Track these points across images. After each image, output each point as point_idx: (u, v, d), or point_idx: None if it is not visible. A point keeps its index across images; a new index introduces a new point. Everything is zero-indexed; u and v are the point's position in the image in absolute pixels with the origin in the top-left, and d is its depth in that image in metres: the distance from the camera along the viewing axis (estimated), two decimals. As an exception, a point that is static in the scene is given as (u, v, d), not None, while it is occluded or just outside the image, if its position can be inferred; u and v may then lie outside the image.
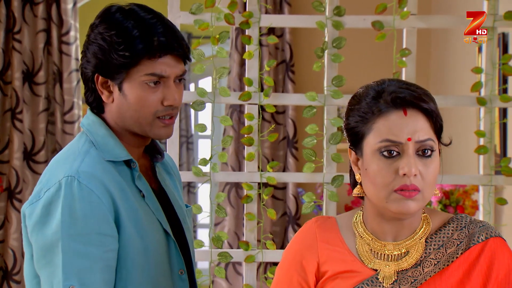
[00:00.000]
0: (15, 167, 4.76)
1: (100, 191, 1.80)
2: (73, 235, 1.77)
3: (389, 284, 1.64)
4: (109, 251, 1.80)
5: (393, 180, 1.60)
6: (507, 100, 2.94)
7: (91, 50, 1.87)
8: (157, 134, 1.89)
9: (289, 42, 4.92)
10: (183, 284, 1.92)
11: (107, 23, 1.86)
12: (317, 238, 1.71)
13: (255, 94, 2.92)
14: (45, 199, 1.81)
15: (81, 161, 1.84)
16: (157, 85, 1.86)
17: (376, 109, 1.63)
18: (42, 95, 4.81)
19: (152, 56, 1.83)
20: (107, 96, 1.88)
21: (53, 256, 1.78)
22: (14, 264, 4.72)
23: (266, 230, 4.80)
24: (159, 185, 1.98)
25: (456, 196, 3.85)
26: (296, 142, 4.91)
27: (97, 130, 1.89)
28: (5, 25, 4.77)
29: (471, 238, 1.66)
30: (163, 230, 1.90)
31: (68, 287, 1.76)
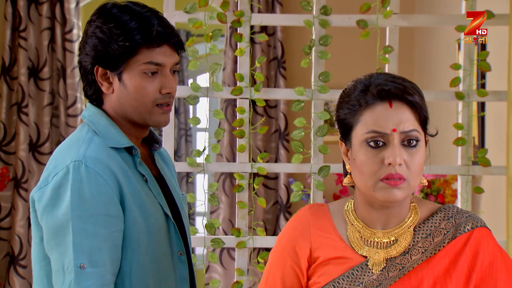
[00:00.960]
0: (21, 158, 4.77)
1: (107, 175, 1.82)
2: (82, 216, 1.79)
3: (378, 270, 1.65)
4: (116, 231, 1.82)
5: (379, 169, 1.60)
6: (484, 94, 2.96)
7: (90, 43, 1.88)
8: (157, 121, 1.91)
9: (281, 40, 4.93)
10: (183, 265, 1.94)
11: (104, 17, 1.88)
12: (310, 224, 1.71)
13: (246, 89, 2.94)
14: (54, 183, 1.82)
15: (86, 147, 1.85)
16: (154, 74, 1.88)
17: (364, 101, 1.63)
18: (47, 90, 4.82)
19: (150, 45, 1.86)
20: (107, 87, 1.90)
21: (63, 237, 1.79)
22: (21, 250, 4.73)
23: (259, 218, 4.82)
24: (159, 172, 2.00)
25: (437, 186, 3.87)
26: (287, 135, 4.93)
27: (99, 120, 1.91)
28: (11, 24, 4.78)
29: (458, 228, 1.66)
30: (164, 213, 1.92)
31: (79, 265, 1.77)
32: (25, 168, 4.77)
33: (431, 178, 3.89)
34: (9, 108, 4.81)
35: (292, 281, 1.70)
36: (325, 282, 1.66)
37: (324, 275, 1.67)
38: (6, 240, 4.79)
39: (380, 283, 1.64)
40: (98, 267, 1.78)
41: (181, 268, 1.94)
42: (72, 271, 1.77)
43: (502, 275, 1.65)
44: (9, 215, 4.80)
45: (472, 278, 1.63)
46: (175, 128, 6.56)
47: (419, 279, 1.63)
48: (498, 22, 2.97)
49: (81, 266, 1.77)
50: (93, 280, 1.77)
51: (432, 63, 4.68)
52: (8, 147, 4.81)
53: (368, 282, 1.64)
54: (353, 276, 1.65)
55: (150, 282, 1.87)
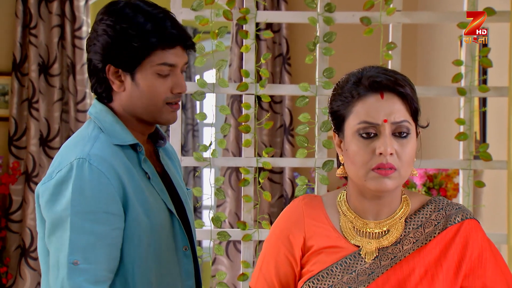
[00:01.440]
0: (32, 153, 4.78)
1: (109, 173, 1.81)
2: (81, 212, 1.77)
3: (370, 259, 1.65)
4: (115, 229, 1.80)
5: (371, 159, 1.61)
6: (485, 90, 2.95)
7: (101, 42, 1.85)
8: (167, 119, 1.91)
9: (286, 36, 4.92)
10: (188, 260, 1.93)
11: (116, 16, 1.85)
12: (304, 214, 1.71)
13: (251, 85, 2.93)
14: (57, 179, 1.81)
15: (91, 145, 1.84)
16: (167, 74, 1.88)
17: (356, 93, 1.64)
18: (57, 86, 4.83)
19: (165, 47, 1.86)
20: (119, 85, 1.88)
21: (62, 232, 1.78)
22: (32, 242, 4.75)
23: (264, 211, 4.82)
24: (163, 169, 1.99)
25: (439, 179, 3.85)
26: (292, 130, 4.92)
27: (105, 117, 1.89)
28: (22, 21, 4.78)
29: (448, 219, 1.67)
30: (168, 210, 1.91)
31: (72, 261, 1.76)
32: (36, 162, 4.78)
33: (433, 172, 3.88)
34: (20, 104, 4.81)
35: (286, 269, 1.70)
36: (319, 270, 1.66)
37: (317, 264, 1.67)
38: (17, 233, 4.80)
39: (372, 271, 1.64)
40: (92, 264, 1.76)
41: (186, 263, 1.93)
42: (66, 267, 1.76)
43: (491, 265, 1.67)
44: (20, 208, 4.81)
45: (462, 268, 1.65)
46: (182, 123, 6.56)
47: (410, 268, 1.64)
48: (499, 19, 2.95)
49: (74, 262, 1.76)
50: (85, 277, 1.76)
51: (435, 60, 4.67)
52: (19, 141, 4.82)
53: (361, 270, 1.65)
54: (346, 265, 1.65)
55: (153, 277, 1.86)
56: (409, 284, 1.62)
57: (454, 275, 1.64)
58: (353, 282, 1.64)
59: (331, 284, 1.64)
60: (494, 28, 3.61)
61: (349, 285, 1.64)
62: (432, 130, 4.54)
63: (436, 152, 4.43)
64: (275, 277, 1.70)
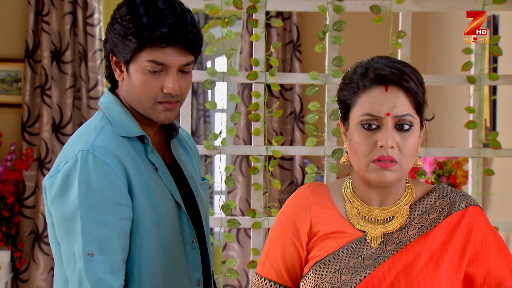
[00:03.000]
0: (44, 139, 4.80)
1: (114, 164, 1.80)
2: (90, 204, 1.77)
3: (376, 244, 1.67)
4: (124, 219, 1.81)
5: (372, 151, 1.62)
6: (495, 78, 2.93)
7: (109, 31, 1.87)
8: (158, 118, 1.88)
9: (296, 24, 4.90)
10: (195, 252, 1.93)
11: (127, 6, 1.84)
12: (310, 200, 1.73)
13: (261, 74, 2.92)
14: (63, 172, 1.81)
15: (96, 136, 1.84)
16: (158, 72, 1.84)
17: (362, 84, 1.65)
18: (69, 73, 4.83)
19: (154, 45, 1.81)
20: (119, 74, 1.89)
21: (73, 225, 1.78)
22: (45, 227, 4.77)
23: (274, 198, 4.82)
24: (174, 160, 1.98)
25: (449, 167, 3.84)
26: (302, 117, 4.91)
27: (113, 108, 1.89)
28: (35, 8, 4.78)
29: (453, 206, 1.69)
30: (175, 202, 1.90)
31: (88, 253, 1.76)
32: (49, 149, 4.80)
33: (443, 160, 3.86)
34: (33, 91, 4.82)
35: (292, 254, 1.71)
36: (325, 254, 1.67)
37: (323, 249, 1.68)
38: (30, 218, 4.83)
39: (378, 255, 1.66)
40: (107, 254, 1.77)
41: (193, 255, 1.92)
42: (82, 259, 1.76)
43: (494, 251, 1.69)
44: (33, 194, 4.83)
45: (466, 253, 1.67)
46: (194, 109, 6.56)
47: (416, 253, 1.65)
48: (509, 7, 2.92)
49: (90, 254, 1.76)
50: (102, 267, 1.77)
51: (445, 48, 4.64)
52: (32, 128, 4.83)
53: (367, 255, 1.66)
54: (352, 249, 1.67)
55: (159, 268, 1.86)
56: (414, 269, 1.64)
57: (458, 260, 1.66)
58: (359, 266, 1.65)
59: (337, 268, 1.66)
60: (504, 16, 3.58)
61: (355, 269, 1.65)
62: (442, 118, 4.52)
63: (446, 140, 4.41)
64: (281, 263, 1.71)
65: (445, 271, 1.64)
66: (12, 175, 4.70)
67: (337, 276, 1.65)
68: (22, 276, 4.84)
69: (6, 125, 4.87)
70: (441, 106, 4.44)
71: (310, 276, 1.67)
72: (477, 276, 1.68)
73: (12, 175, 4.71)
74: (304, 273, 1.70)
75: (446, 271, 1.64)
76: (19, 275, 4.84)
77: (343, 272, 1.65)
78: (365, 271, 1.64)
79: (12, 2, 4.85)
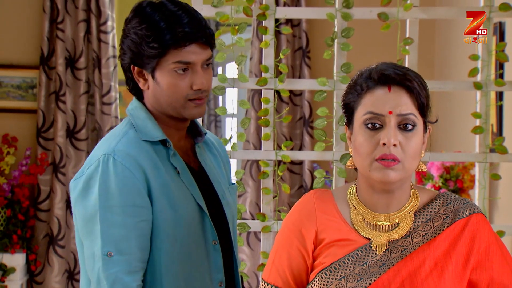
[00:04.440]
0: (59, 144, 4.81)
1: (133, 167, 1.83)
2: (110, 206, 1.81)
3: (381, 252, 1.66)
4: (143, 221, 1.83)
5: (375, 150, 1.61)
6: (501, 84, 2.92)
7: (126, 43, 1.89)
8: (191, 114, 1.91)
9: (305, 30, 4.90)
10: (217, 254, 1.94)
11: (139, 17, 1.87)
12: (315, 208, 1.72)
13: (271, 80, 2.93)
14: (86, 175, 1.85)
15: (118, 141, 1.87)
16: (185, 71, 1.87)
17: (365, 85, 1.65)
18: (83, 79, 4.85)
19: (178, 46, 1.84)
20: (143, 83, 1.91)
21: (93, 226, 1.82)
22: (59, 231, 4.79)
23: (284, 202, 4.81)
24: (200, 164, 1.99)
25: (456, 171, 3.82)
26: (311, 122, 4.91)
27: (138, 114, 1.92)
28: (50, 16, 4.80)
29: (456, 213, 1.68)
30: (197, 204, 1.91)
31: (106, 253, 1.80)
32: (63, 153, 4.81)
33: (450, 164, 3.85)
34: (47, 97, 4.84)
35: (298, 262, 1.70)
36: (331, 262, 1.67)
37: (329, 256, 1.67)
38: (45, 222, 4.84)
39: (383, 263, 1.65)
40: (125, 255, 1.80)
41: (215, 257, 1.93)
42: (100, 259, 1.80)
43: (497, 259, 1.68)
44: (48, 198, 4.85)
45: (470, 260, 1.66)
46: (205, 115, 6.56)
47: (421, 260, 1.64)
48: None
49: (108, 254, 1.80)
50: (119, 267, 1.79)
51: (453, 54, 4.62)
52: (47, 133, 4.85)
53: (372, 262, 1.65)
54: (358, 257, 1.66)
55: (180, 270, 1.88)
56: (419, 276, 1.63)
57: (462, 267, 1.65)
58: (364, 274, 1.64)
59: (343, 275, 1.65)
60: (510, 23, 3.57)
61: (360, 277, 1.64)
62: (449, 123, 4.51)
63: (453, 145, 4.40)
64: (287, 270, 1.71)
65: (449, 278, 1.64)
66: (27, 179, 4.72)
67: (342, 283, 1.64)
68: (37, 279, 4.85)
69: (22, 131, 4.89)
70: (448, 112, 4.42)
71: (316, 283, 1.67)
72: (480, 283, 1.67)
73: (28, 179, 4.72)
74: (310, 279, 1.70)
75: (450, 278, 1.64)
76: (34, 277, 4.86)
77: (349, 279, 1.64)
78: (370, 278, 1.64)
79: (28, 10, 4.87)
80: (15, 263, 4.64)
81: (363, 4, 3.04)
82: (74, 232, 4.85)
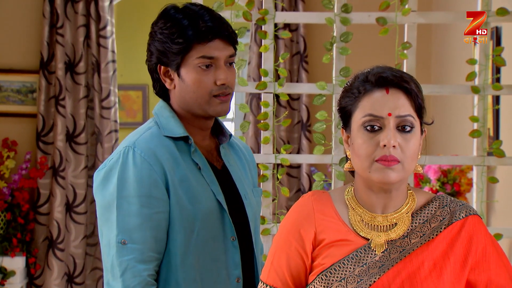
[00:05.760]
0: (58, 148, 4.80)
1: (152, 160, 1.88)
2: (126, 196, 1.85)
3: (380, 252, 1.66)
4: (160, 213, 1.87)
5: (375, 151, 1.61)
6: (499, 88, 2.92)
7: (152, 45, 1.95)
8: (216, 111, 1.95)
9: (303, 35, 4.90)
10: (235, 250, 1.96)
11: (164, 18, 1.93)
12: (314, 209, 1.71)
13: (270, 84, 2.92)
14: (108, 167, 1.91)
15: (140, 135, 1.93)
16: (209, 67, 1.92)
17: (363, 88, 1.65)
18: (82, 84, 4.84)
19: (202, 40, 1.89)
20: (170, 83, 1.96)
21: (110, 215, 1.87)
22: (59, 234, 4.77)
23: (282, 205, 4.80)
24: (223, 164, 2.03)
25: (453, 175, 3.82)
26: (309, 126, 4.90)
27: (163, 113, 1.98)
28: (49, 21, 4.80)
29: (453, 215, 1.69)
30: (216, 200, 1.94)
31: (120, 241, 1.84)
32: (63, 157, 4.80)
33: (447, 168, 3.85)
34: (47, 101, 4.83)
35: (297, 263, 1.70)
36: (330, 263, 1.66)
37: (328, 257, 1.67)
38: (45, 225, 4.83)
39: (382, 263, 1.65)
40: (138, 244, 1.84)
41: (233, 253, 1.96)
42: (115, 246, 1.85)
43: (494, 259, 1.69)
44: (47, 202, 4.83)
45: (468, 261, 1.67)
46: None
47: (420, 261, 1.65)
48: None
49: (122, 242, 1.84)
50: (133, 255, 1.83)
51: (449, 58, 4.63)
52: (46, 137, 4.84)
53: (371, 263, 1.65)
54: (357, 258, 1.66)
55: (195, 262, 1.90)
56: (419, 277, 1.63)
57: (460, 268, 1.66)
58: (364, 275, 1.64)
59: (343, 276, 1.65)
60: (507, 27, 3.57)
61: (360, 278, 1.64)
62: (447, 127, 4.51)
63: (450, 149, 4.39)
64: (286, 271, 1.70)
65: (448, 279, 1.64)
66: (27, 183, 4.71)
67: (343, 285, 1.64)
68: (36, 282, 4.84)
69: (22, 135, 4.88)
70: (445, 115, 4.42)
71: (316, 284, 1.67)
72: (479, 283, 1.68)
73: (27, 183, 4.71)
74: (309, 281, 1.69)
75: (449, 278, 1.64)
76: (34, 280, 4.84)
77: (349, 280, 1.64)
78: (370, 279, 1.64)
79: (28, 15, 4.86)
80: (15, 266, 4.63)
81: (362, 9, 3.04)
82: (74, 236, 4.94)
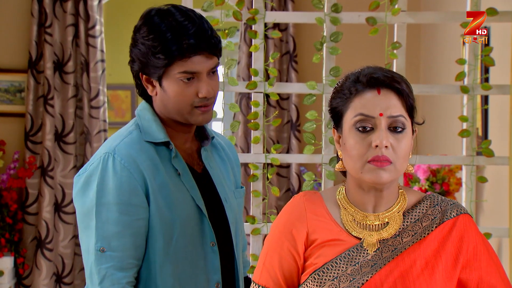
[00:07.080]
0: (47, 148, 4.78)
1: (132, 167, 1.86)
2: (105, 203, 1.84)
3: (372, 251, 1.66)
4: (139, 220, 1.86)
5: (367, 152, 1.61)
6: (488, 88, 2.92)
7: (134, 52, 1.93)
8: (197, 120, 1.93)
9: (293, 35, 4.90)
10: (214, 255, 1.95)
11: (147, 26, 1.90)
12: (306, 209, 1.71)
13: (260, 84, 2.92)
14: (87, 172, 1.89)
15: (120, 140, 1.91)
16: (191, 80, 1.90)
17: (354, 89, 1.65)
18: (71, 83, 4.82)
19: (184, 57, 1.87)
20: (151, 90, 1.94)
21: (89, 222, 1.86)
22: (47, 234, 4.75)
23: (272, 205, 4.80)
24: (204, 167, 2.01)
25: (442, 174, 3.83)
26: (298, 126, 4.90)
27: (145, 115, 1.96)
28: (38, 20, 4.77)
29: (444, 214, 1.69)
30: (196, 206, 1.93)
31: (99, 249, 1.83)
32: (51, 157, 4.78)
33: (436, 168, 3.86)
34: (36, 100, 4.81)
35: (289, 263, 1.70)
36: (323, 263, 1.66)
37: (321, 257, 1.67)
38: (33, 225, 4.81)
39: (375, 262, 1.65)
40: (117, 252, 1.83)
41: (213, 258, 1.95)
42: (93, 253, 1.84)
43: (485, 258, 1.70)
44: (36, 201, 4.81)
45: (459, 260, 1.67)
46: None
47: (412, 260, 1.65)
48: (501, 19, 2.93)
49: (101, 249, 1.83)
50: (111, 263, 1.83)
51: (438, 58, 4.64)
52: (35, 137, 4.82)
53: (364, 262, 1.65)
54: (349, 257, 1.66)
55: (174, 269, 1.89)
56: (411, 275, 1.64)
57: (452, 267, 1.66)
58: (357, 274, 1.64)
59: (336, 276, 1.65)
60: (496, 27, 3.58)
61: (353, 277, 1.64)
62: (436, 127, 4.52)
63: (440, 148, 4.41)
64: (278, 271, 1.70)
65: (440, 277, 1.64)
66: (15, 182, 4.68)
67: (335, 284, 1.64)
68: (25, 282, 4.81)
69: (10, 134, 4.86)
70: (434, 115, 4.43)
71: (309, 284, 1.66)
72: (470, 282, 1.68)
73: (16, 183, 4.69)
74: (302, 281, 1.69)
75: (441, 277, 1.65)
76: (22, 280, 4.82)
77: (341, 279, 1.64)
78: (362, 278, 1.64)
79: (16, 14, 4.84)
80: (3, 266, 4.61)
81: (352, 9, 3.05)
82: (62, 236, 4.92)
